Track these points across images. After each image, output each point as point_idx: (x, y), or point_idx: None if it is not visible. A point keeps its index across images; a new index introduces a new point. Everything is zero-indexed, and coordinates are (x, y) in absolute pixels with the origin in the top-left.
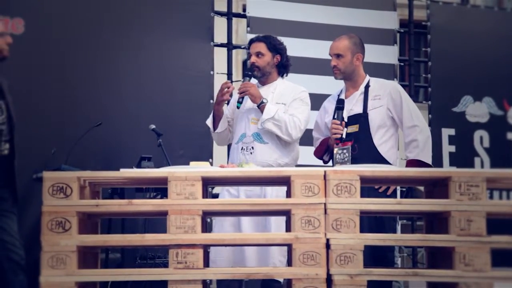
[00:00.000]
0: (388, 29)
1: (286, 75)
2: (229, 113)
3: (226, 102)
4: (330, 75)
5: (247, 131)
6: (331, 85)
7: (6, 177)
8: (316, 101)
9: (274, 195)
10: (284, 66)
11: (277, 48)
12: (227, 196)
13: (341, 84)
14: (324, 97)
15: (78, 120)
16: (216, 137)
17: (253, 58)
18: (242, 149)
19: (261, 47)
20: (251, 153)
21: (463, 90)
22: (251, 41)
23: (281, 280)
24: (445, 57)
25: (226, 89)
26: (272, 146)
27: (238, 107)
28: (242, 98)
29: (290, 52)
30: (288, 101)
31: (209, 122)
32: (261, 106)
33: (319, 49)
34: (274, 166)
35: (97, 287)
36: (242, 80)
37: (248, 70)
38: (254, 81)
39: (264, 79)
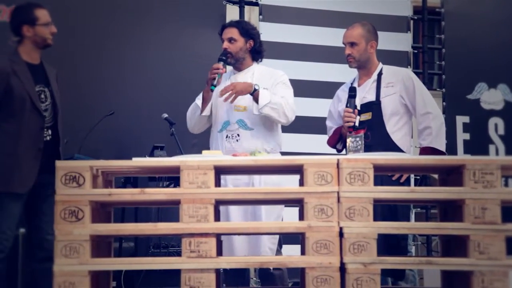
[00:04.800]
0: (401, 16)
1: (261, 60)
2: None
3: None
4: (343, 63)
5: (230, 118)
6: (344, 73)
7: (50, 163)
8: (330, 89)
9: (263, 184)
10: (257, 51)
11: (249, 33)
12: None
13: (354, 72)
14: (337, 85)
15: (91, 109)
16: (197, 120)
17: (226, 44)
18: (227, 137)
19: (233, 32)
20: (237, 140)
21: (478, 77)
22: (223, 27)
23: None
24: (459, 44)
25: (215, 70)
26: (257, 132)
27: (212, 90)
28: (214, 79)
29: (303, 40)
30: (269, 85)
31: (198, 102)
32: (254, 94)
33: (332, 36)
34: (261, 151)
35: (111, 276)
36: (220, 63)
37: (222, 55)
38: (229, 68)
39: (238, 65)
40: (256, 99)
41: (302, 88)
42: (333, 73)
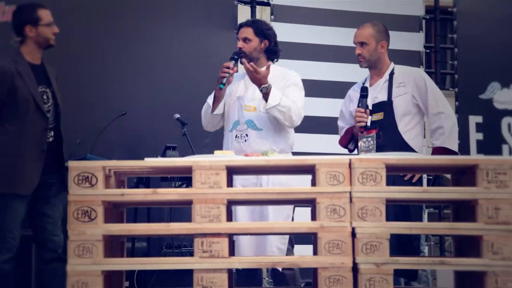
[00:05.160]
0: (413, 16)
1: (277, 60)
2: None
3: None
4: (355, 63)
5: (240, 118)
6: (356, 73)
7: (53, 164)
8: (341, 89)
9: (270, 184)
10: (272, 51)
11: (264, 33)
12: None
13: (365, 71)
14: (348, 85)
15: (104, 110)
16: (209, 118)
17: (240, 43)
18: (236, 136)
19: (248, 32)
20: (245, 140)
21: (490, 76)
22: (240, 26)
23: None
24: (471, 44)
25: (226, 69)
26: (266, 133)
27: (221, 88)
28: (224, 78)
29: (315, 40)
30: (281, 86)
31: (210, 101)
32: (266, 92)
33: (344, 36)
34: (272, 152)
35: (123, 276)
36: (232, 62)
37: (234, 54)
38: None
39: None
40: (266, 98)
41: (313, 88)
42: (344, 73)
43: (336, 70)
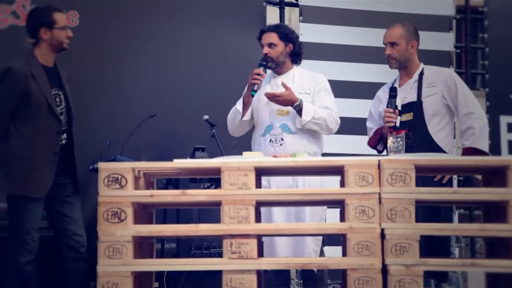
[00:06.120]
0: (444, 16)
1: (300, 63)
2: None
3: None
4: (384, 64)
5: (273, 122)
6: (385, 74)
7: (66, 166)
8: (370, 90)
9: (307, 186)
10: (297, 54)
11: (289, 37)
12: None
13: (395, 72)
14: (377, 86)
15: (133, 111)
16: (238, 124)
17: (266, 49)
18: (270, 141)
19: (272, 37)
20: (281, 144)
21: None
22: (262, 32)
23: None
24: (502, 43)
25: (256, 75)
26: (300, 136)
27: (252, 95)
28: (255, 85)
29: (344, 41)
30: (312, 90)
31: (239, 107)
32: (299, 108)
33: (373, 37)
34: (301, 153)
35: (153, 277)
36: (261, 68)
37: (262, 60)
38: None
39: (278, 69)
40: (299, 113)
41: (342, 89)
42: (373, 73)
43: (365, 70)
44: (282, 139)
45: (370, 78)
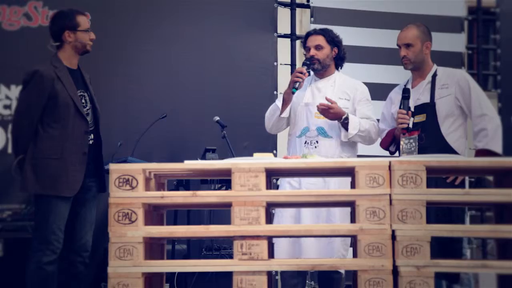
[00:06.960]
0: (455, 17)
1: (341, 68)
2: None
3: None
4: (396, 65)
5: (310, 125)
6: (397, 75)
7: (92, 167)
8: (382, 91)
9: (337, 187)
10: (341, 58)
11: (335, 41)
12: (288, 188)
13: (408, 74)
14: (390, 87)
15: (144, 113)
16: (276, 121)
17: (313, 51)
18: (306, 143)
19: (320, 40)
20: (315, 147)
21: None
22: (309, 34)
23: (342, 271)
24: None
25: (299, 74)
26: (336, 140)
27: (293, 93)
28: (297, 82)
29: (355, 42)
30: (352, 98)
31: (278, 103)
32: (346, 122)
33: (384, 38)
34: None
35: (164, 278)
36: (304, 68)
37: (307, 60)
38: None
39: (322, 72)
40: (345, 127)
41: None
42: (385, 75)
43: (377, 72)
44: (317, 141)
45: (382, 79)
